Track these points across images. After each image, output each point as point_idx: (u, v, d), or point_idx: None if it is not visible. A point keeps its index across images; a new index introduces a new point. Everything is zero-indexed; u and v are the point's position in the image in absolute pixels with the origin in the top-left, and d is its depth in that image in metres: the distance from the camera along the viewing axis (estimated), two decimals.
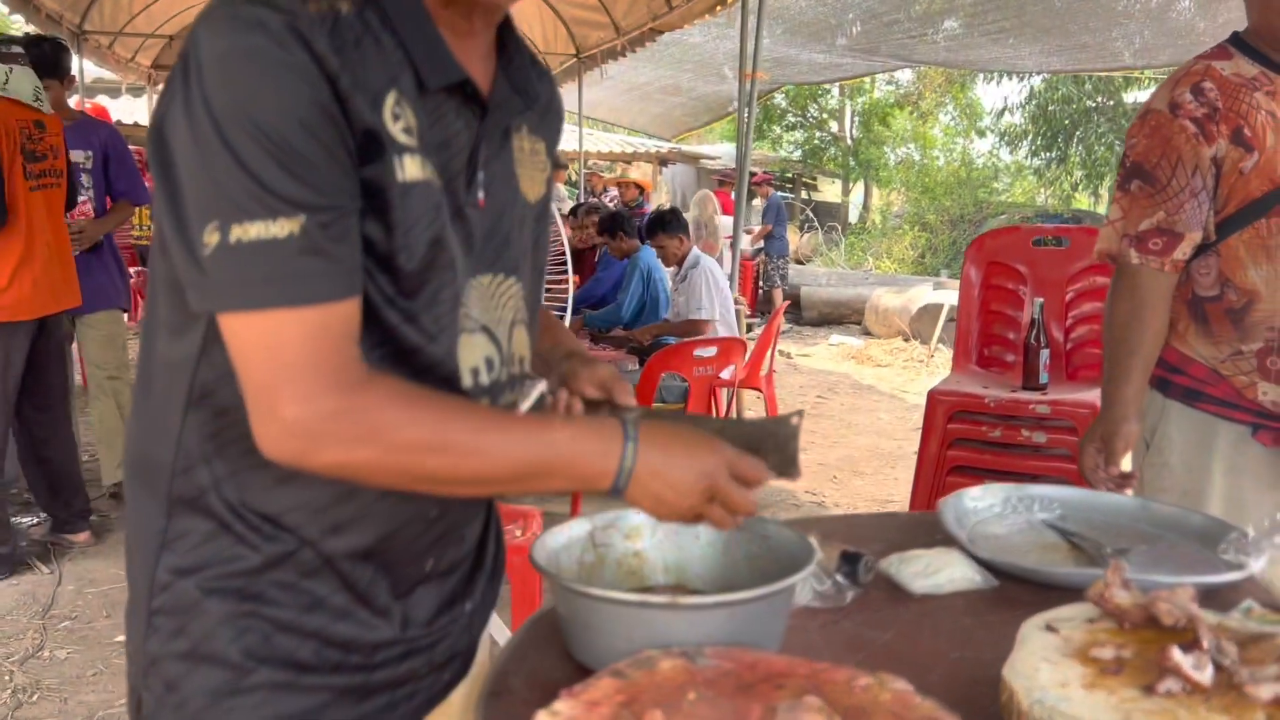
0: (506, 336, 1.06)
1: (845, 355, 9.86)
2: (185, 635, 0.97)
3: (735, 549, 1.27)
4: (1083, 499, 1.63)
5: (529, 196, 1.09)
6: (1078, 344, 3.12)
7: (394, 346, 0.95)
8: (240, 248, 0.83)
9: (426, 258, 0.93)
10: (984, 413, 2.90)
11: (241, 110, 0.82)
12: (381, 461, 0.88)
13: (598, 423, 0.97)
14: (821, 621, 1.25)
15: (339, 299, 0.87)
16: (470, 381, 1.01)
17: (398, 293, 0.93)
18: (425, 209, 0.92)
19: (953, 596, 1.33)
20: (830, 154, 22.14)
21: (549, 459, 0.93)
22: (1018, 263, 3.18)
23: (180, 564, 0.97)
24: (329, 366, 0.86)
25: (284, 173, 0.82)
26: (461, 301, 0.99)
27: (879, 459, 5.87)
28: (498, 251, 1.03)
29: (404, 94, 0.91)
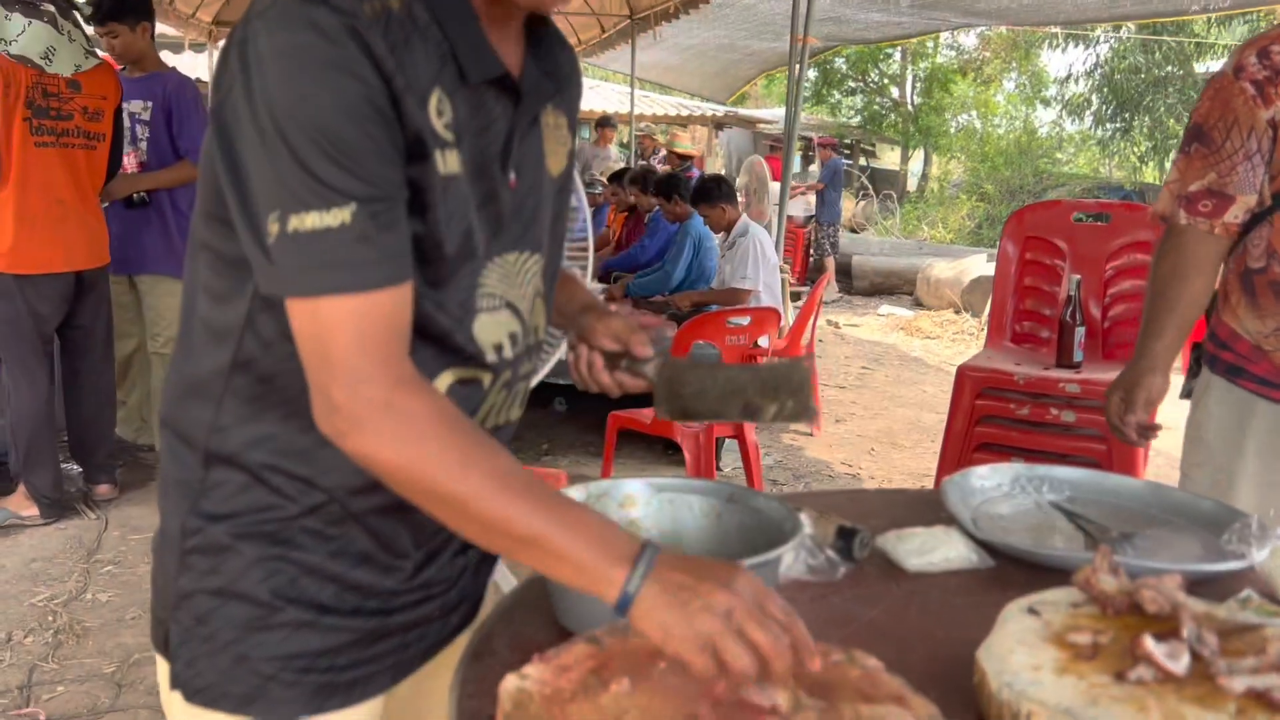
0: (529, 310, 1.11)
1: (894, 326, 9.76)
2: (218, 574, 1.04)
3: (728, 520, 1.28)
4: (1093, 482, 1.61)
5: (553, 171, 1.13)
6: (1115, 322, 3.06)
7: (426, 333, 0.99)
8: (298, 237, 0.87)
9: (459, 248, 0.98)
10: (1013, 390, 2.86)
11: (299, 107, 0.86)
12: (404, 468, 0.91)
13: (618, 538, 0.92)
14: (811, 595, 1.26)
15: (387, 286, 0.90)
16: (494, 357, 1.06)
17: (428, 284, 0.97)
18: (460, 201, 0.97)
19: (947, 575, 1.33)
20: (890, 120, 21.76)
21: (557, 542, 0.90)
22: (1057, 238, 3.12)
23: (215, 510, 1.03)
24: (378, 355, 0.90)
25: (336, 166, 0.86)
26: (481, 283, 1.03)
27: (919, 432, 5.83)
28: (524, 229, 1.08)
29: (446, 89, 0.95)
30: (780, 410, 1.11)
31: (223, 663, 1.04)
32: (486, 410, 1.10)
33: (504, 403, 1.13)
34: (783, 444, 5.47)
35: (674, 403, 1.18)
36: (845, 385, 7.06)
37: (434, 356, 1.01)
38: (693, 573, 0.89)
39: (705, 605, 0.86)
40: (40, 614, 3.12)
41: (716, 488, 1.31)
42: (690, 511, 1.30)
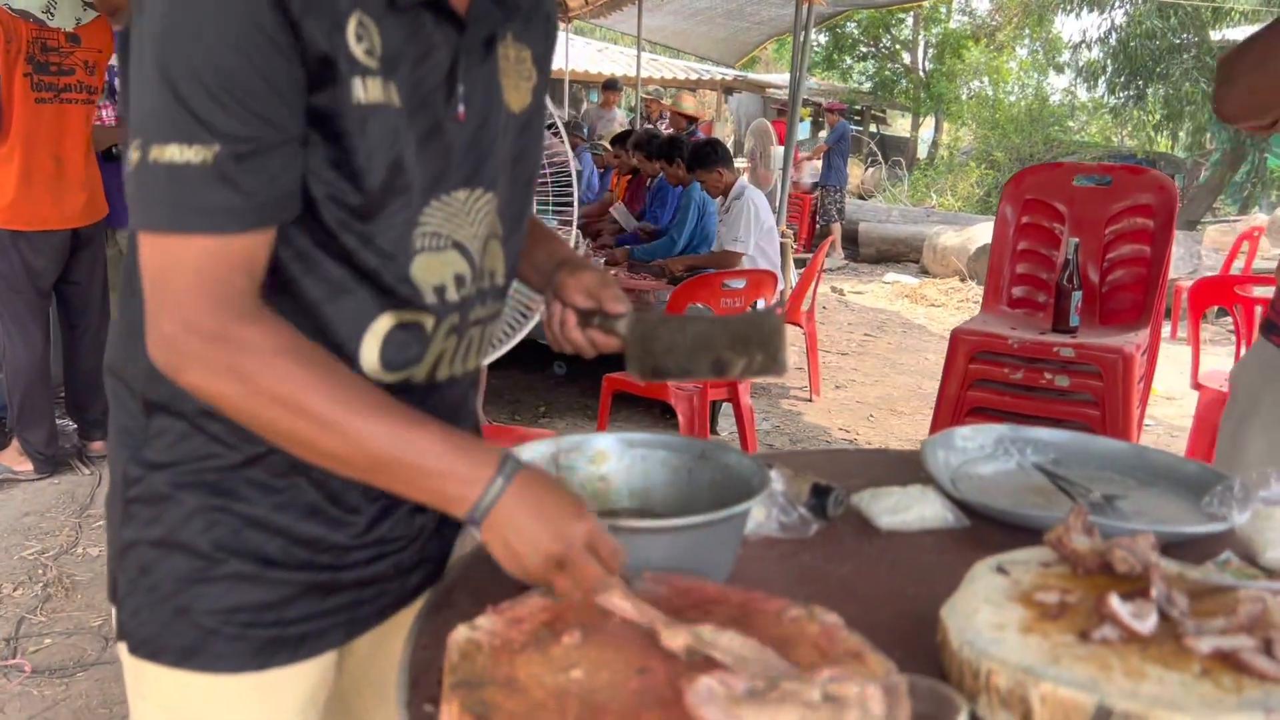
0: (480, 251, 1.06)
1: (899, 294, 9.70)
2: (159, 524, 1.01)
3: (699, 476, 1.26)
4: (1078, 444, 1.59)
5: (512, 106, 1.07)
6: (1114, 287, 3.01)
7: (355, 270, 0.96)
8: (155, 168, 0.85)
9: (385, 181, 0.94)
10: (1007, 354, 2.82)
11: (177, 30, 0.83)
12: (239, 403, 0.90)
13: (476, 447, 0.94)
14: (781, 552, 1.24)
15: (240, 232, 0.88)
16: (435, 299, 1.02)
17: (354, 216, 0.94)
18: (385, 132, 0.92)
19: (921, 534, 1.31)
20: (901, 87, 21.53)
21: (409, 462, 0.91)
22: (1057, 201, 3.07)
23: (156, 459, 1.01)
24: (215, 294, 0.87)
25: (208, 98, 0.83)
26: (422, 221, 0.99)
27: (919, 399, 5.80)
28: (475, 166, 1.03)
29: (370, 12, 0.91)
30: (749, 365, 1.07)
31: (164, 614, 1.02)
32: (435, 357, 1.06)
33: (456, 349, 1.09)
34: (780, 409, 5.45)
35: (645, 360, 1.14)
36: (847, 352, 7.02)
37: (370, 297, 0.98)
38: (538, 508, 0.93)
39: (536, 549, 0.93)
40: (30, 567, 3.13)
41: (688, 444, 1.28)
42: (661, 468, 1.28)
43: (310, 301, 0.97)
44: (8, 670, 2.56)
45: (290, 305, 0.96)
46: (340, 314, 0.98)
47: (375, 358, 1.00)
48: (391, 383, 1.02)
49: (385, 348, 1.00)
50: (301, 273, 0.96)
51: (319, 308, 0.97)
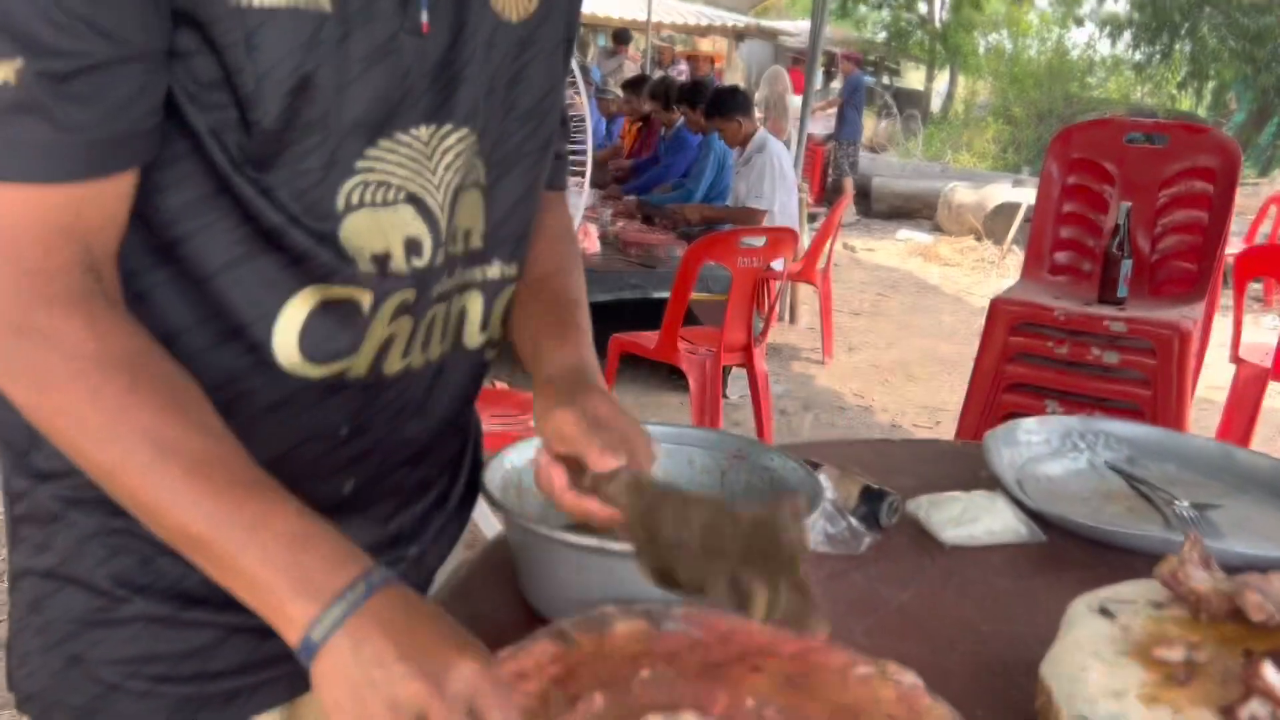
0: (446, 206, 0.81)
1: (913, 251, 9.47)
2: (50, 550, 0.81)
3: (733, 479, 1.08)
4: (1157, 439, 1.40)
5: (507, 14, 0.82)
6: (1165, 255, 2.80)
7: (254, 226, 0.73)
8: None
9: (285, 114, 0.70)
10: (1051, 325, 2.62)
11: None
12: (36, 417, 0.68)
13: (325, 544, 0.66)
14: (830, 571, 1.06)
15: (56, 180, 0.65)
16: (372, 268, 0.78)
17: (247, 159, 0.71)
18: (289, 47, 0.68)
19: (990, 550, 1.13)
20: (917, 38, 21.04)
21: (224, 551, 0.65)
22: (1106, 161, 2.85)
23: (43, 467, 0.80)
24: (25, 268, 0.65)
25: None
26: (361, 167, 0.75)
27: (935, 363, 5.61)
28: (444, 94, 0.78)
29: None
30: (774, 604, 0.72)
31: (56, 664, 0.81)
32: (378, 345, 0.81)
33: (413, 334, 0.84)
34: (792, 372, 5.26)
35: (654, 557, 0.79)
36: (860, 312, 6.82)
37: (280, 266, 0.74)
38: (403, 640, 0.63)
39: (390, 697, 0.61)
40: None
41: (721, 439, 1.10)
42: (690, 467, 1.10)
43: (202, 272, 0.73)
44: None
45: (175, 276, 0.73)
46: (240, 288, 0.74)
47: (294, 346, 0.77)
48: (321, 378, 0.79)
49: (305, 333, 0.77)
50: (192, 230, 0.72)
51: (212, 280, 0.74)
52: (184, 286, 0.74)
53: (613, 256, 4.58)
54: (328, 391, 0.80)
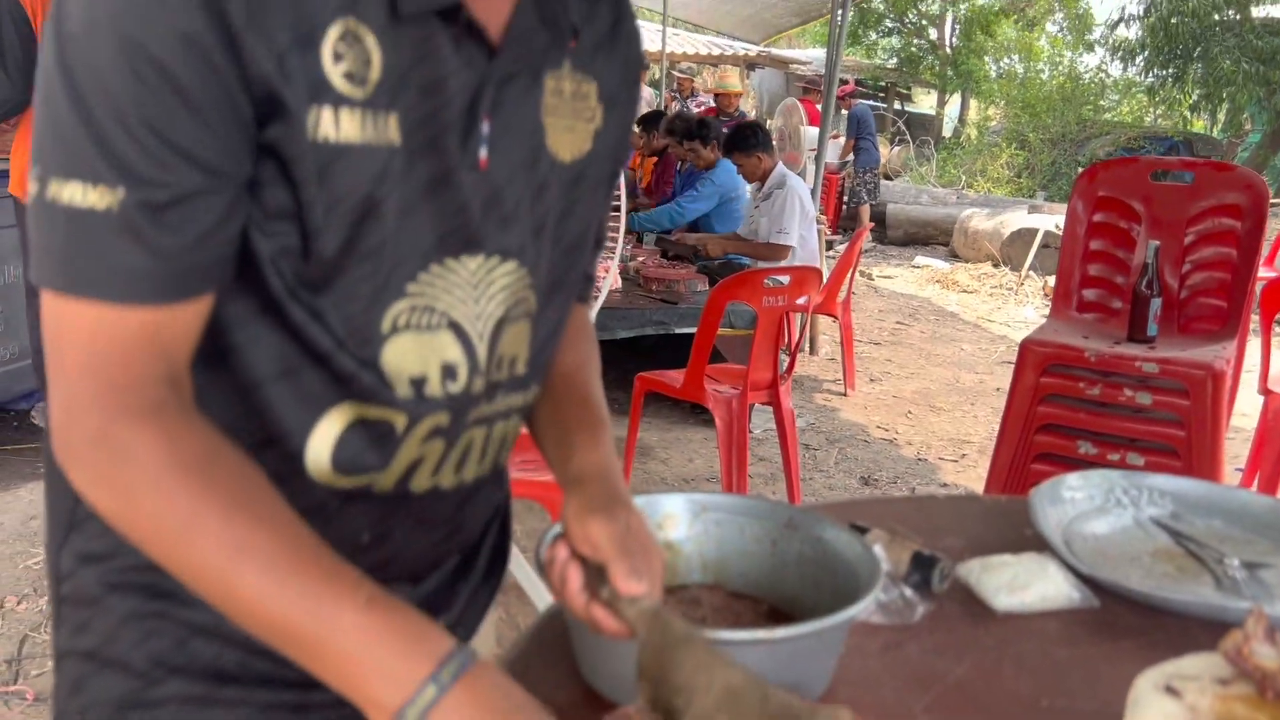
0: (489, 335, 0.83)
1: (930, 279, 9.47)
2: (90, 632, 0.83)
3: (785, 548, 1.07)
4: (1201, 493, 1.39)
5: (561, 154, 0.84)
6: (1194, 292, 2.80)
7: (303, 350, 0.75)
8: (53, 209, 0.66)
9: (346, 244, 0.72)
10: (1082, 366, 2.61)
11: (91, 35, 0.63)
12: (118, 523, 0.69)
13: (412, 629, 0.68)
14: (883, 643, 1.06)
15: (148, 302, 0.67)
16: (409, 393, 0.79)
17: (301, 284, 0.73)
18: (359, 180, 0.71)
19: (1044, 617, 1.12)
20: (928, 63, 21.12)
21: (315, 638, 0.66)
22: (1132, 199, 2.85)
23: (87, 549, 0.83)
24: (105, 379, 0.67)
25: (119, 126, 0.64)
26: (412, 291, 0.77)
27: (958, 394, 5.59)
28: (497, 227, 0.80)
29: (365, 21, 0.69)
30: None
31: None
32: (407, 464, 0.83)
33: (444, 456, 0.85)
34: (815, 404, 5.26)
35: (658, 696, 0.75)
36: (880, 341, 6.81)
37: (324, 382, 0.76)
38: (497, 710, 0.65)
39: None
40: (35, 577, 2.98)
41: (773, 510, 1.10)
42: (740, 536, 1.09)
43: (251, 379, 0.76)
44: (8, 697, 2.41)
45: (227, 380, 0.76)
46: (285, 398, 0.77)
47: (325, 459, 0.79)
48: (345, 489, 0.81)
49: (339, 447, 0.79)
50: (242, 342, 0.75)
51: (257, 389, 0.76)
52: (230, 391, 0.76)
53: (634, 292, 4.60)
54: (351, 500, 0.82)
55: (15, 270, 3.97)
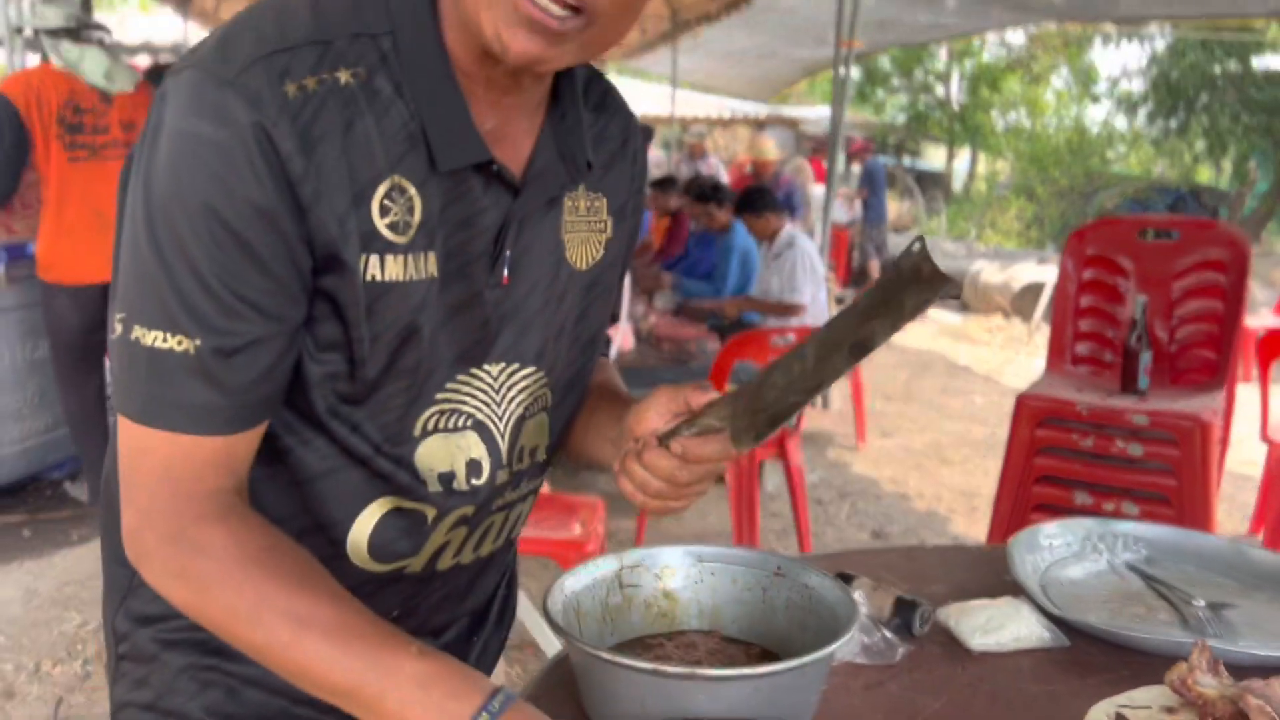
0: (510, 432, 0.94)
1: (942, 332, 9.56)
2: (148, 686, 0.94)
3: (775, 596, 1.17)
4: (1173, 540, 1.48)
5: (578, 264, 0.95)
6: (1183, 346, 2.89)
7: (341, 449, 0.87)
8: (135, 348, 0.77)
9: (387, 364, 0.83)
10: (1076, 419, 2.71)
11: (175, 204, 0.74)
12: (192, 611, 0.80)
13: (455, 679, 0.76)
14: (866, 681, 1.15)
15: (216, 433, 0.78)
16: (439, 488, 0.90)
17: (342, 400, 0.84)
18: (401, 310, 0.82)
19: (1017, 656, 1.20)
20: (935, 119, 21.43)
21: (372, 695, 0.75)
22: (1121, 256, 2.96)
23: (143, 611, 0.94)
24: (180, 491, 0.79)
25: (198, 285, 0.75)
26: (439, 399, 0.88)
27: (969, 446, 5.65)
28: (516, 336, 0.91)
29: (408, 176, 0.80)
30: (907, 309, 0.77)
31: None
32: (435, 547, 0.94)
33: (466, 539, 0.96)
34: (828, 460, 5.33)
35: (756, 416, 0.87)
36: (891, 396, 6.89)
37: (364, 479, 0.88)
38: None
39: None
40: (70, 642, 3.08)
41: (763, 559, 1.19)
42: (733, 584, 1.19)
43: (301, 475, 0.87)
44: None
45: (280, 475, 0.87)
46: (331, 492, 0.88)
47: (364, 546, 0.90)
48: (381, 573, 0.93)
49: (375, 535, 0.90)
50: (293, 445, 0.86)
51: (310, 483, 0.88)
52: (282, 485, 0.87)
53: (647, 352, 4.72)
54: (386, 582, 0.93)
55: (46, 346, 4.14)
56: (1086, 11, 7.82)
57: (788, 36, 8.83)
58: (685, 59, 10.24)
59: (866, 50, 9.65)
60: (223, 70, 0.74)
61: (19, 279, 3.99)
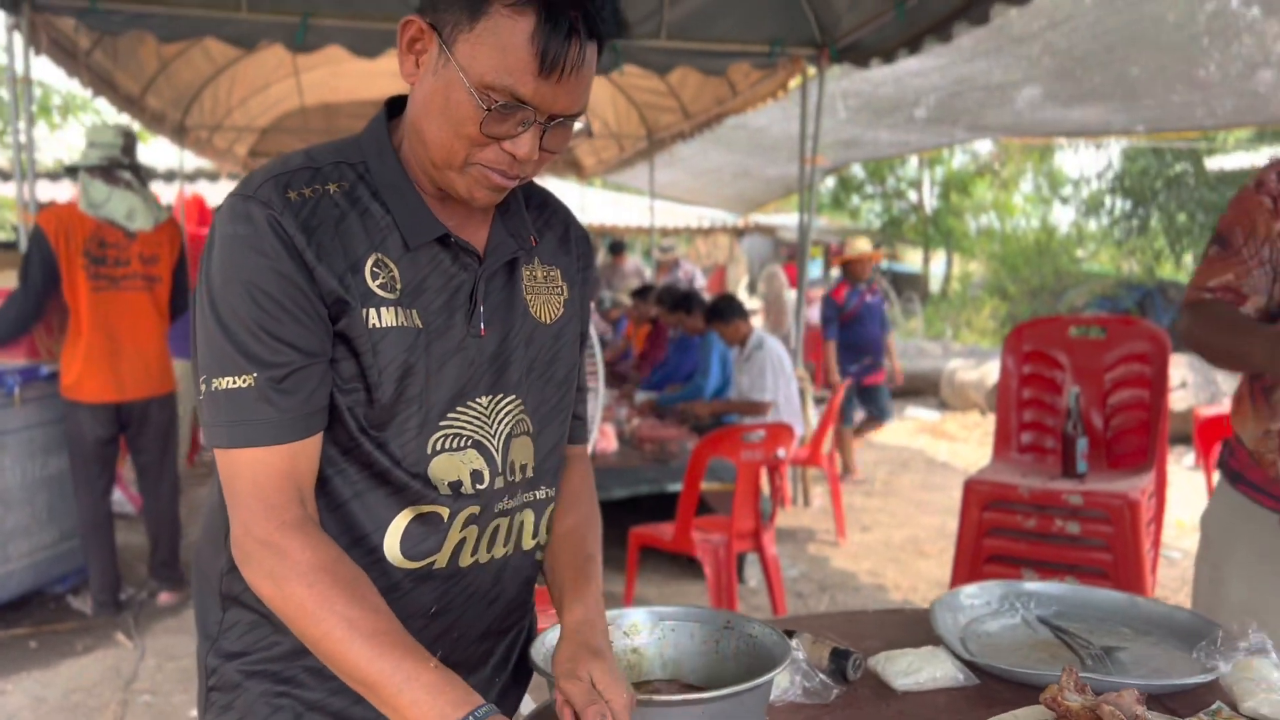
0: (501, 448, 1.19)
1: (920, 429, 9.79)
2: (233, 710, 1.18)
3: (725, 646, 1.37)
4: (1077, 596, 1.70)
5: (543, 319, 1.24)
6: (1118, 432, 3.14)
7: (372, 469, 1.12)
8: (216, 395, 1.05)
9: (395, 393, 1.10)
10: (1019, 502, 2.94)
11: (226, 286, 1.05)
12: (273, 601, 1.05)
13: (457, 689, 0.98)
14: (805, 717, 1.35)
15: (281, 443, 1.05)
16: (449, 493, 1.15)
17: (369, 425, 1.11)
18: (398, 350, 1.10)
19: (935, 693, 1.41)
20: (910, 223, 22.11)
21: (388, 691, 0.98)
22: (1056, 351, 3.23)
23: (230, 648, 1.18)
24: (267, 501, 1.05)
25: (249, 335, 1.04)
26: (443, 425, 1.14)
27: (945, 539, 5.83)
28: (498, 374, 1.18)
29: (389, 254, 1.11)
30: None
31: None
32: (455, 543, 1.17)
33: (479, 538, 1.19)
34: (808, 555, 5.50)
35: None
36: (871, 493, 7.09)
37: (389, 495, 1.13)
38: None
39: None
40: None
41: (714, 616, 1.41)
42: (691, 639, 1.40)
43: (340, 499, 1.13)
44: None
45: (325, 502, 1.12)
46: (364, 511, 1.13)
47: (397, 548, 1.15)
48: (414, 570, 1.16)
49: (405, 539, 1.15)
50: (333, 474, 1.12)
51: (347, 505, 1.13)
52: (329, 507, 1.13)
53: (629, 452, 4.94)
54: (420, 579, 1.16)
55: (60, 463, 4.36)
56: (1039, 128, 8.29)
57: (760, 154, 9.28)
58: (663, 174, 10.69)
59: (833, 166, 10.11)
60: (246, 190, 1.07)
61: (30, 400, 4.24)
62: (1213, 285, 1.93)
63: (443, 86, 1.05)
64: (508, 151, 1.07)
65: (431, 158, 1.09)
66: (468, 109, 1.04)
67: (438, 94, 1.05)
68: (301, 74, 8.46)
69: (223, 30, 5.09)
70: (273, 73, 8.39)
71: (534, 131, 1.06)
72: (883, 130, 8.12)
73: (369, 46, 5.21)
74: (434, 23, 1.05)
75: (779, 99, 6.73)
